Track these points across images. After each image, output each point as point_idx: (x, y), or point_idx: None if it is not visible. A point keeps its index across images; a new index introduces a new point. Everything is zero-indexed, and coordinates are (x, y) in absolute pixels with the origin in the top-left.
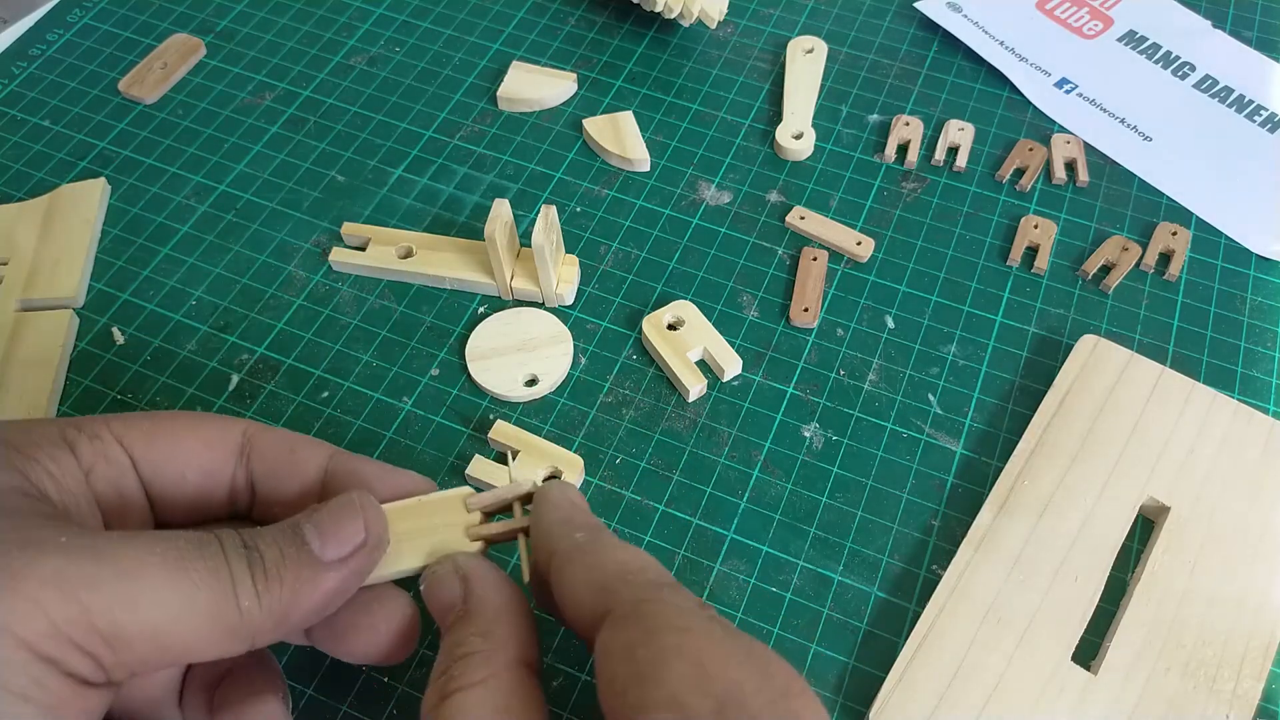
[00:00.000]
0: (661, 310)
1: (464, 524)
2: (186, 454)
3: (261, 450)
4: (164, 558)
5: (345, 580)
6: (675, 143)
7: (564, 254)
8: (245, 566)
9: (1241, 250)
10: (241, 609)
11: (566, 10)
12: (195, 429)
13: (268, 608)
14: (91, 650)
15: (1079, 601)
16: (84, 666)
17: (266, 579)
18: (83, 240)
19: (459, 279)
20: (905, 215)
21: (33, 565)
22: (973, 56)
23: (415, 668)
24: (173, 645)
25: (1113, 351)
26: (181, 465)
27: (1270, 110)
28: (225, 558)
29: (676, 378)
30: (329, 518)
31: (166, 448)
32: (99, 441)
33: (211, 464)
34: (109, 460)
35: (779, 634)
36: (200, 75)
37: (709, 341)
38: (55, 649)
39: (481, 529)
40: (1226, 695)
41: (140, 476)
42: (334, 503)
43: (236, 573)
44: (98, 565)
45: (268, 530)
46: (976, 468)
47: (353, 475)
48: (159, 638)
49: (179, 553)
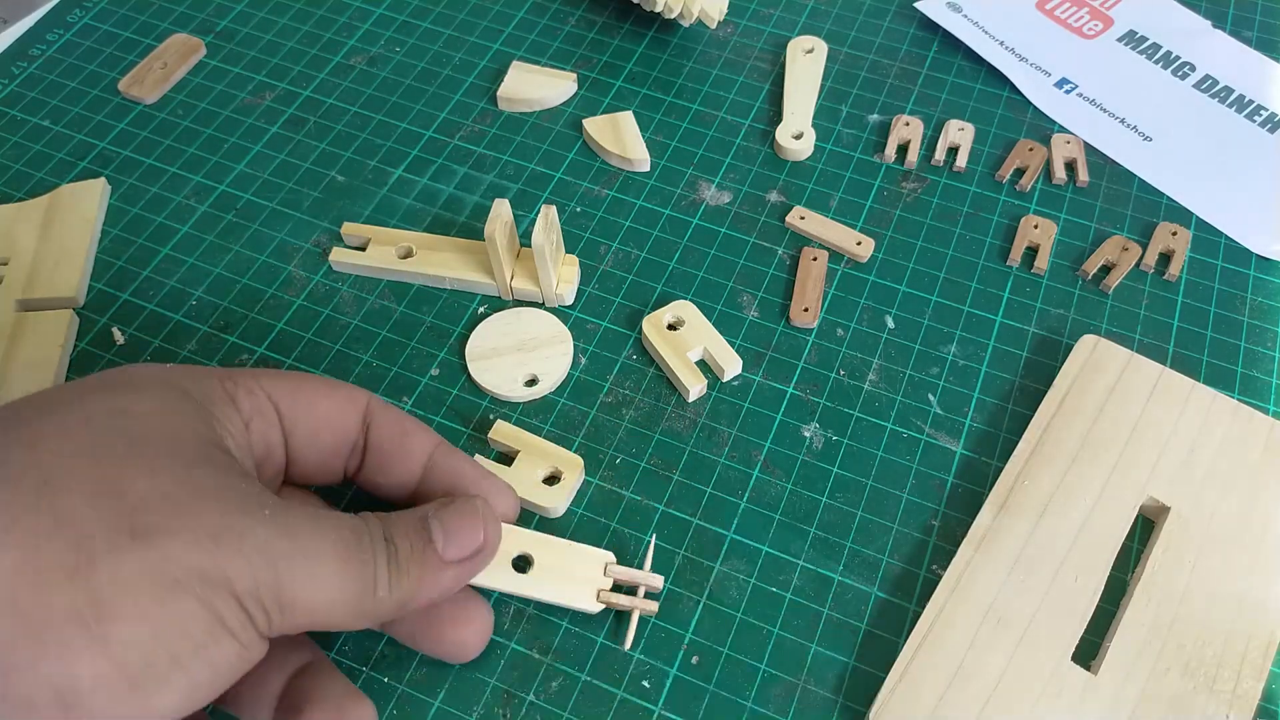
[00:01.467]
0: (661, 310)
1: (596, 583)
2: (324, 414)
3: (380, 424)
4: (335, 546)
5: (459, 579)
6: (675, 143)
7: (564, 254)
8: (385, 561)
9: (1241, 250)
10: (377, 598)
11: (566, 10)
12: (331, 392)
13: (396, 598)
14: (270, 610)
15: (1079, 601)
16: (262, 622)
17: (399, 572)
18: (83, 240)
19: (459, 279)
20: (905, 215)
21: (249, 533)
22: (973, 56)
23: (415, 668)
24: (320, 617)
25: (1113, 351)
26: (318, 424)
27: (1270, 110)
28: (373, 552)
29: (676, 378)
30: (455, 519)
31: (306, 406)
32: (254, 396)
33: (343, 427)
34: (262, 414)
35: (779, 634)
36: (200, 75)
37: (709, 341)
38: (253, 604)
39: (608, 595)
40: (1226, 695)
41: (284, 430)
42: (458, 505)
43: (379, 566)
44: (291, 542)
45: (400, 522)
46: (976, 468)
47: (455, 473)
48: (314, 610)
49: (345, 543)
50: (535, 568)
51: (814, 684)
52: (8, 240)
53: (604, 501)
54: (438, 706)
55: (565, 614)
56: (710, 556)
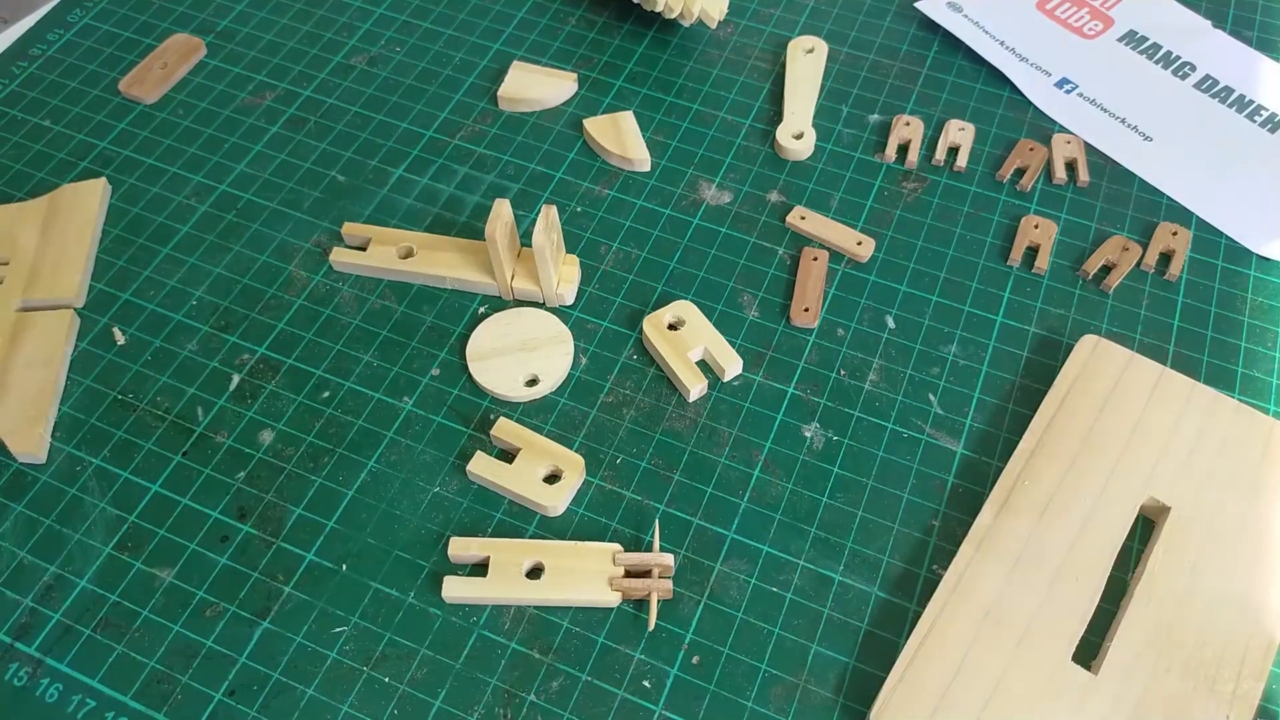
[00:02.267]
0: (662, 310)
1: (608, 573)
2: None
3: None
4: None
5: None
6: (675, 143)
7: (564, 254)
8: None
9: (1241, 250)
10: None
11: (566, 10)
12: None
13: None
14: None
15: (1079, 601)
16: None
17: None
18: (83, 240)
19: (460, 279)
20: (905, 215)
21: None
22: (973, 56)
23: (416, 668)
24: None
25: (1113, 351)
26: None
27: (1270, 110)
28: None
29: (677, 377)
30: None
31: None
32: None
33: None
34: None
35: (779, 634)
36: (200, 75)
37: (709, 341)
38: None
39: (622, 582)
40: (1226, 696)
41: None
42: None
43: None
44: None
45: None
46: (977, 468)
47: None
48: None
49: None
50: (548, 572)
51: (814, 684)
52: (8, 240)
53: (604, 501)
54: (438, 706)
55: (566, 614)
56: (711, 556)
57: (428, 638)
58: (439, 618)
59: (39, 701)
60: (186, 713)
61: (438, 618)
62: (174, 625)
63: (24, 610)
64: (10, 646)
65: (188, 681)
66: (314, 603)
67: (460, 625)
